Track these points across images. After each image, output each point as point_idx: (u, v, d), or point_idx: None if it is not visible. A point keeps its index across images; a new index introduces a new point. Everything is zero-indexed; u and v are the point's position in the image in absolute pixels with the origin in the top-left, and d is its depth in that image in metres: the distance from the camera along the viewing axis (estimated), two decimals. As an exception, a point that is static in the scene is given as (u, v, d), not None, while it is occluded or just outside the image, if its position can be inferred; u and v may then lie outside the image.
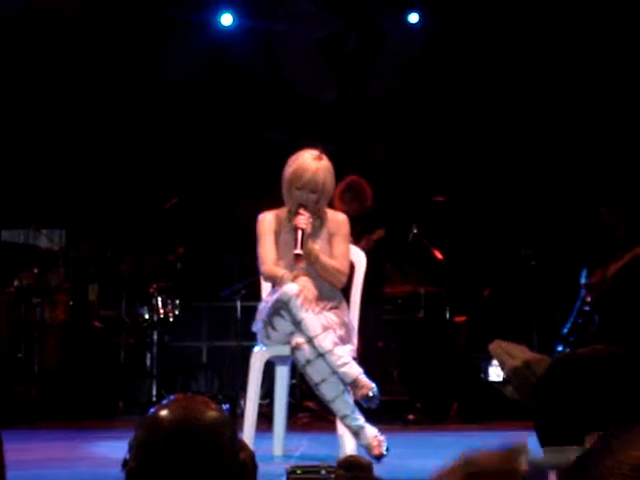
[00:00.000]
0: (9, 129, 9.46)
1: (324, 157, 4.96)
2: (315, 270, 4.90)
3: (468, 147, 9.58)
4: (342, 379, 4.57)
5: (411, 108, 9.80)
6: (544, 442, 1.68)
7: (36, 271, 8.07)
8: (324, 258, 4.93)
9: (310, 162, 4.91)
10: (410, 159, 9.71)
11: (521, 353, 1.91)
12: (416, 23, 9.75)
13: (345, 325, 4.84)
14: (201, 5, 9.64)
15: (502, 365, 1.94)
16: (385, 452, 4.55)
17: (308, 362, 4.61)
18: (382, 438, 4.60)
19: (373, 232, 7.35)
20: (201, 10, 9.64)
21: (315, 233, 4.99)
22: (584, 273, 7.63)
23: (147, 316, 8.02)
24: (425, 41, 9.76)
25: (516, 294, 8.46)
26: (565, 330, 7.61)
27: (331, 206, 5.40)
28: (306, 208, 4.89)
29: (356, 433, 4.60)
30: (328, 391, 4.60)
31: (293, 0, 9.96)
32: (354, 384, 4.55)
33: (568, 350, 7.43)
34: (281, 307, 4.69)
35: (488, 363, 7.66)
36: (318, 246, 4.95)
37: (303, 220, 4.84)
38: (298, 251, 4.79)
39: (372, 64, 10.01)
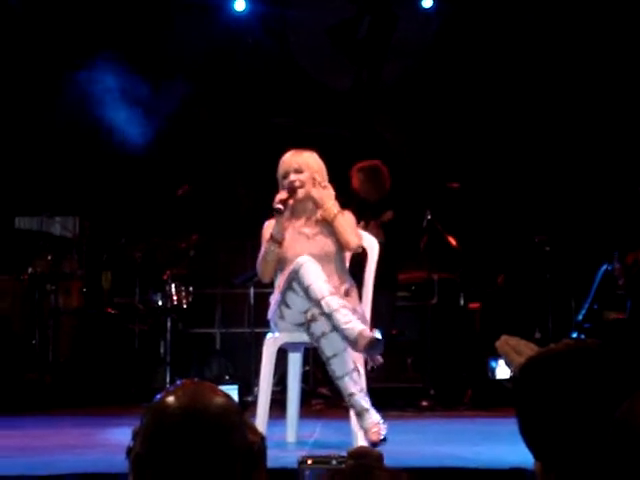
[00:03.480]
0: (23, 117, 9.46)
1: (306, 150, 5.14)
2: (330, 231, 4.95)
3: (482, 133, 9.54)
4: (347, 337, 4.57)
5: (425, 94, 9.77)
6: (528, 443, 1.67)
7: (50, 258, 8.08)
8: (340, 218, 4.99)
9: (288, 153, 5.12)
10: (424, 145, 9.68)
11: (528, 350, 1.90)
12: (430, 8, 9.72)
13: (356, 312, 4.83)
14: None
15: (509, 363, 1.92)
16: (382, 440, 4.51)
17: (323, 334, 4.62)
18: (384, 426, 4.57)
19: (382, 215, 7.33)
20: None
21: (317, 224, 5.04)
22: (616, 255, 7.55)
23: (160, 303, 8.01)
24: (439, 26, 9.72)
25: (530, 281, 8.42)
26: (580, 317, 7.58)
27: (347, 190, 5.42)
28: (295, 189, 4.97)
29: (359, 414, 4.60)
30: (338, 367, 4.61)
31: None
32: (360, 335, 4.54)
33: (583, 337, 7.40)
34: (294, 278, 4.70)
35: (496, 361, 7.65)
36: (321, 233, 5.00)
37: (280, 195, 4.97)
38: (278, 206, 4.88)
39: (385, 50, 9.97)
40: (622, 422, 1.45)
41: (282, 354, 5.16)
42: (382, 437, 4.53)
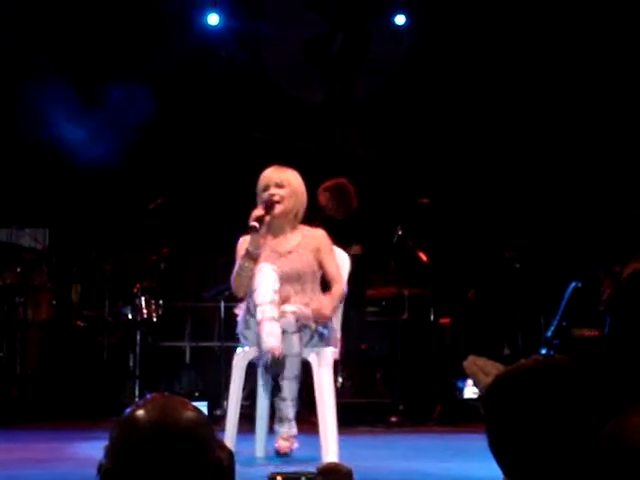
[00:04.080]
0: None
1: (289, 168, 5.15)
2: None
3: (453, 149, 9.58)
4: (259, 347, 4.66)
5: (396, 110, 9.80)
6: (497, 459, 1.67)
7: (19, 270, 8.03)
8: (333, 302, 4.98)
9: (271, 169, 5.13)
10: (395, 161, 9.70)
11: (495, 370, 1.90)
12: (402, 25, 9.75)
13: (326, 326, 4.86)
14: (188, 4, 9.61)
15: (477, 383, 1.93)
16: (289, 452, 4.85)
17: (284, 332, 4.68)
18: (295, 443, 4.91)
19: (350, 247, 7.26)
20: (187, 9, 9.62)
21: (292, 238, 5.04)
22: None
23: (130, 316, 7.98)
24: (411, 43, 9.77)
25: (500, 296, 8.45)
26: (549, 333, 7.61)
27: (314, 207, 5.41)
28: (273, 203, 4.95)
29: (281, 420, 4.89)
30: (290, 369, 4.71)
31: (280, 0, 9.94)
32: (266, 351, 4.63)
33: (552, 353, 7.43)
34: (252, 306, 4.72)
35: (463, 381, 7.67)
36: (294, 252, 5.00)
37: (257, 211, 4.95)
38: (254, 223, 4.87)
39: (358, 65, 10.00)
40: (609, 439, 1.46)
41: (252, 369, 5.14)
42: (290, 450, 4.85)
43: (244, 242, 5.02)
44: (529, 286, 8.15)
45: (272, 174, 5.07)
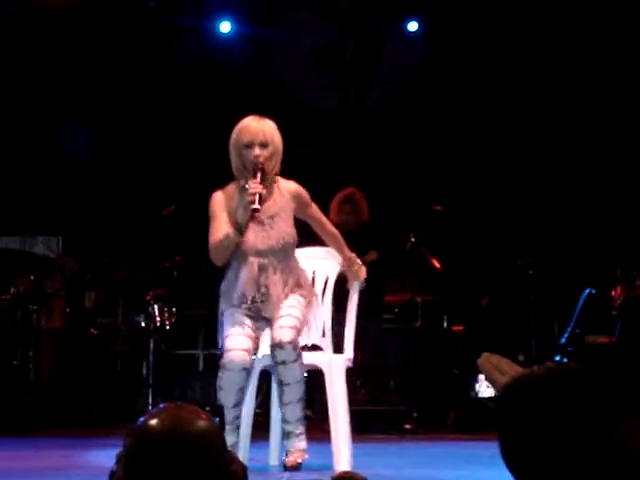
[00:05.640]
0: (5, 135, 9.44)
1: (267, 119, 4.87)
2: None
3: (466, 156, 9.56)
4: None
5: (410, 116, 9.79)
6: (510, 468, 1.66)
7: (32, 278, 8.04)
8: (344, 245, 4.96)
9: (251, 119, 4.83)
10: (408, 168, 9.69)
11: (510, 369, 1.89)
12: (415, 31, 9.74)
13: (306, 322, 4.82)
14: (200, 12, 9.63)
15: (492, 382, 1.92)
16: (297, 465, 4.67)
17: (284, 363, 4.60)
18: (304, 455, 4.72)
19: (366, 254, 7.25)
20: (200, 17, 9.63)
21: (270, 198, 4.80)
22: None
23: (144, 324, 7.99)
24: (424, 49, 9.76)
25: (514, 303, 8.43)
26: (563, 340, 7.59)
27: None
28: (262, 169, 4.70)
29: (289, 435, 4.72)
30: (292, 394, 4.64)
31: (292, 7, 9.95)
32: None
33: (566, 360, 7.41)
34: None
35: (477, 379, 7.64)
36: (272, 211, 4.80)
37: (254, 185, 4.65)
38: (256, 206, 4.59)
39: (371, 72, 9.99)
40: (619, 447, 1.45)
41: (265, 376, 5.13)
42: (298, 464, 4.67)
43: (219, 200, 4.82)
44: (543, 293, 8.13)
45: (256, 130, 4.75)
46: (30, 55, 9.43)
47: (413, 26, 9.72)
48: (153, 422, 1.59)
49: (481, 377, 7.52)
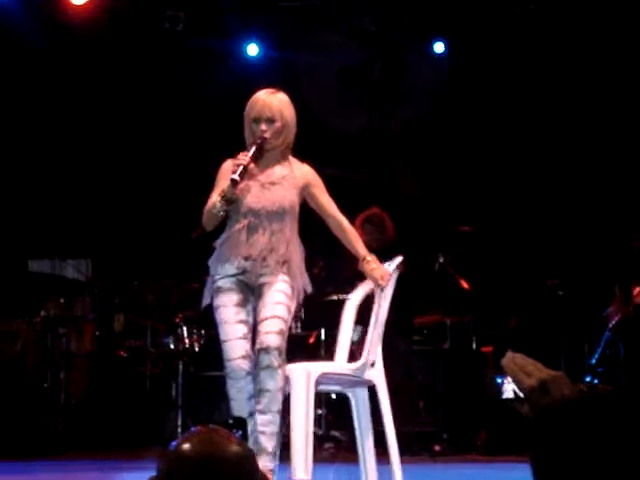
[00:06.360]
0: (36, 161, 9.52)
1: (280, 92, 4.80)
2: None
3: (494, 177, 9.55)
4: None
5: (436, 137, 9.80)
6: None
7: (62, 301, 8.09)
8: (359, 241, 4.80)
9: (263, 93, 4.77)
10: (436, 188, 9.69)
11: (537, 371, 1.87)
12: (442, 53, 9.75)
13: (292, 288, 4.66)
14: (227, 35, 9.69)
15: (518, 383, 1.90)
16: None
17: (267, 367, 4.50)
18: (273, 478, 4.53)
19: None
20: (227, 40, 9.70)
21: (275, 166, 4.74)
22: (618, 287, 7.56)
23: (172, 346, 8.01)
24: (450, 70, 9.76)
25: (543, 324, 8.40)
26: (593, 360, 7.55)
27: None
28: (260, 144, 4.62)
29: (258, 451, 4.43)
30: (273, 402, 4.50)
31: (318, 30, 9.99)
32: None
33: (597, 381, 7.37)
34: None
35: (502, 380, 7.59)
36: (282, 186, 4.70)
37: (242, 157, 4.60)
38: (235, 176, 4.53)
39: (397, 94, 10.01)
40: None
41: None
42: None
43: (227, 169, 4.73)
44: (572, 313, 8.09)
45: (264, 105, 4.69)
46: (61, 81, 9.53)
47: (439, 47, 9.73)
48: (186, 446, 1.60)
49: (508, 379, 7.48)
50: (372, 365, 4.79)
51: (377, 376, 4.80)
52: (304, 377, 4.62)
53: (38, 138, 9.54)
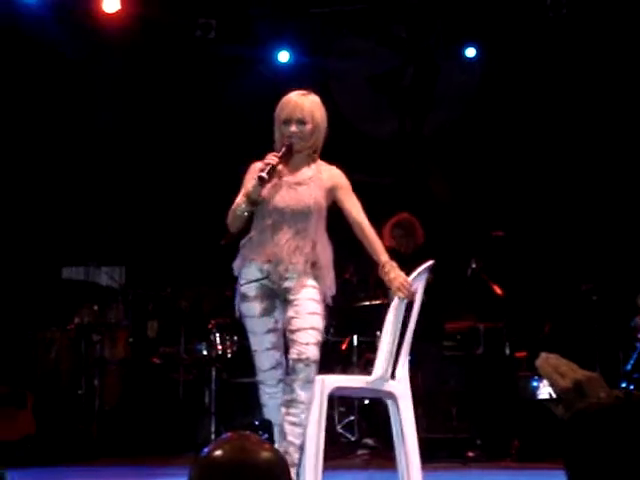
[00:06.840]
0: (71, 169, 9.59)
1: (312, 94, 4.73)
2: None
3: (527, 181, 9.51)
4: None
5: (469, 142, 9.77)
6: None
7: (96, 308, 8.13)
8: (381, 246, 4.68)
9: (294, 95, 4.70)
10: (469, 193, 9.66)
11: (571, 371, 1.86)
12: (473, 57, 9.73)
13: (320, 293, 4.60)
14: (258, 42, 9.72)
15: (553, 384, 1.88)
16: None
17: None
18: None
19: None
20: (258, 47, 9.72)
21: (303, 168, 4.70)
22: None
23: (206, 352, 8.03)
24: (482, 75, 9.74)
25: (577, 330, 8.34)
26: (629, 367, 7.48)
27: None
28: (290, 146, 4.59)
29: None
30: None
31: (349, 36, 9.99)
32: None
33: (632, 387, 7.31)
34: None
35: (538, 380, 7.55)
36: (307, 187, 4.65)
37: (271, 156, 4.58)
38: (263, 174, 4.49)
39: (429, 99, 9.99)
40: None
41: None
42: None
43: (253, 168, 4.72)
44: (606, 319, 8.03)
45: (295, 107, 4.61)
46: (94, 90, 9.59)
47: (471, 52, 9.71)
48: (218, 453, 1.60)
49: (543, 380, 7.43)
50: (392, 377, 4.67)
51: (399, 388, 4.68)
52: (317, 391, 4.56)
53: (74, 147, 9.60)
